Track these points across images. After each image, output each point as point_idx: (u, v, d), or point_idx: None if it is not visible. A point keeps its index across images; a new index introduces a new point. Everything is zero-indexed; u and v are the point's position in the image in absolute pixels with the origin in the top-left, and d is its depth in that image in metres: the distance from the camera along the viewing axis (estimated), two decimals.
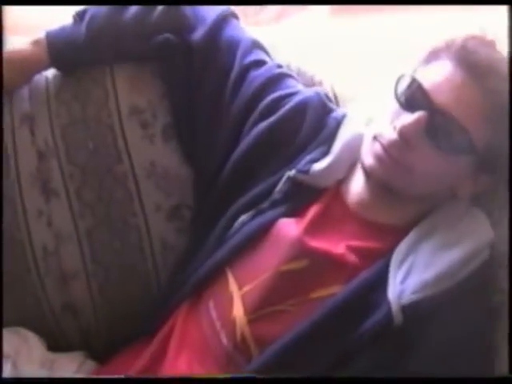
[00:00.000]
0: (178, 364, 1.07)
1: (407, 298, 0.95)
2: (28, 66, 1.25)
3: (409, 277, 0.97)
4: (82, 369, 1.21)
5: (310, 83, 1.26)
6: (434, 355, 0.95)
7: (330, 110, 1.16)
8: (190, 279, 1.13)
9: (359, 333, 0.97)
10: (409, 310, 0.95)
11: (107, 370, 1.17)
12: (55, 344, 1.26)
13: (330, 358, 0.98)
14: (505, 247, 1.00)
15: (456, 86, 0.98)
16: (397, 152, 0.98)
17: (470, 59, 0.98)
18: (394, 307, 0.95)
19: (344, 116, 1.15)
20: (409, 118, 0.98)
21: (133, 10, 1.22)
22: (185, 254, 1.21)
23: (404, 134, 0.97)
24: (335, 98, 1.25)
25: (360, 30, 1.49)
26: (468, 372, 0.93)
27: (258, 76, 1.18)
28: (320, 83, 1.27)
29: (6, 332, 1.17)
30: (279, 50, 1.30)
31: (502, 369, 0.96)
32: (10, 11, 1.27)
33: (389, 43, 1.35)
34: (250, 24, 1.41)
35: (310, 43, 1.39)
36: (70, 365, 1.21)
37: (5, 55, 1.23)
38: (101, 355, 1.23)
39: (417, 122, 0.97)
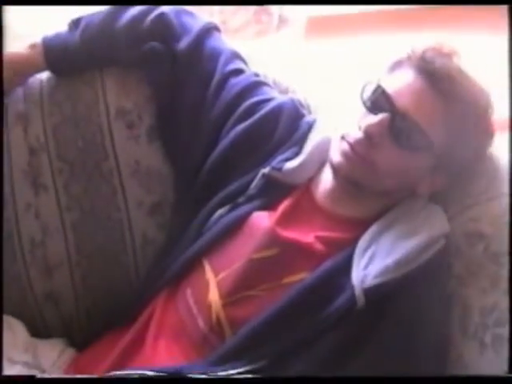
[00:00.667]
0: (158, 348, 1.14)
1: (369, 282, 1.04)
2: (24, 68, 1.33)
3: (371, 263, 1.06)
4: (63, 355, 1.27)
5: (284, 92, 1.36)
6: (393, 336, 1.03)
7: (303, 115, 1.26)
8: (169, 269, 1.20)
9: (325, 314, 1.05)
10: (370, 293, 1.03)
11: (86, 356, 1.23)
12: (37, 331, 1.32)
13: (297, 338, 1.06)
14: (459, 240, 1.09)
15: (415, 91, 1.09)
16: (362, 149, 1.08)
17: (427, 68, 1.09)
18: (357, 290, 1.04)
19: (315, 121, 1.24)
20: (373, 118, 1.08)
21: (124, 19, 1.31)
22: (164, 246, 1.28)
23: (369, 132, 1.07)
24: (307, 107, 1.35)
25: (332, 49, 1.61)
26: (423, 351, 1.02)
27: (236, 83, 1.27)
28: (294, 92, 1.37)
29: None
30: (257, 63, 1.40)
31: (456, 351, 1.05)
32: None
33: (358, 60, 1.46)
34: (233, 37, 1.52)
35: (285, 58, 1.50)
36: (51, 351, 1.27)
37: (3, 57, 1.32)
38: (81, 343, 1.29)
39: (380, 122, 1.07)
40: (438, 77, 1.08)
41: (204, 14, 1.66)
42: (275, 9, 1.87)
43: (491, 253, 1.06)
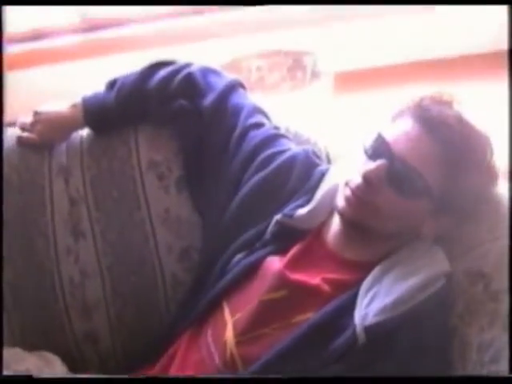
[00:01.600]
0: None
1: (369, 320, 1.10)
2: (66, 125, 1.48)
3: (372, 303, 1.12)
4: None
5: (305, 143, 1.44)
6: (393, 371, 1.09)
7: (316, 165, 1.34)
8: (193, 311, 1.29)
9: (330, 351, 1.11)
10: (371, 330, 1.09)
11: None
12: (75, 366, 1.40)
13: (303, 373, 1.12)
14: (461, 279, 1.14)
15: (413, 138, 1.15)
16: (362, 194, 1.15)
17: (424, 115, 1.15)
18: (358, 328, 1.10)
19: (328, 170, 1.32)
20: (372, 164, 1.15)
21: (155, 80, 1.43)
22: (191, 288, 1.37)
23: (367, 178, 1.15)
24: (327, 156, 1.44)
25: (359, 102, 1.69)
26: None
27: (256, 135, 1.37)
28: (314, 144, 1.46)
29: (31, 354, 1.34)
30: (286, 116, 1.50)
31: None
32: None
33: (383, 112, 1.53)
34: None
35: (314, 111, 1.60)
36: None
37: (48, 115, 1.47)
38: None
39: (378, 167, 1.14)
40: (434, 123, 1.14)
41: (242, 72, 1.80)
42: (309, 64, 1.98)
43: (491, 291, 1.10)
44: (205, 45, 2.11)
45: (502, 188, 1.21)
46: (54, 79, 2.20)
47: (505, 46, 1.36)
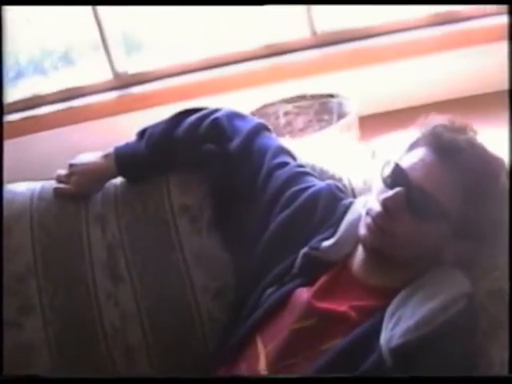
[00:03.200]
0: None
1: (394, 342, 1.12)
2: (100, 175, 1.56)
3: (397, 326, 1.14)
4: None
5: (330, 178, 1.48)
6: None
7: (340, 198, 1.39)
8: (228, 347, 1.33)
9: (359, 374, 1.14)
10: (396, 352, 1.12)
11: None
12: None
13: None
14: (483, 299, 1.17)
15: (427, 164, 1.20)
16: (382, 221, 1.19)
17: (437, 142, 1.20)
18: (384, 351, 1.13)
19: (352, 203, 1.37)
20: (390, 192, 1.20)
21: (183, 127, 1.51)
22: (226, 326, 1.41)
23: (386, 205, 1.19)
24: (353, 191, 1.48)
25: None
26: None
27: (281, 174, 1.42)
28: (340, 179, 1.50)
29: None
30: (307, 156, 1.55)
31: None
32: None
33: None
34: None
35: (339, 151, 1.65)
36: None
37: (82, 166, 1.55)
38: None
39: (396, 194, 1.19)
40: (447, 150, 1.19)
41: (270, 118, 1.86)
42: (335, 107, 2.04)
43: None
44: (233, 95, 2.20)
45: None
46: (93, 135, 2.31)
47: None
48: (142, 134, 1.54)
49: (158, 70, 2.44)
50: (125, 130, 1.65)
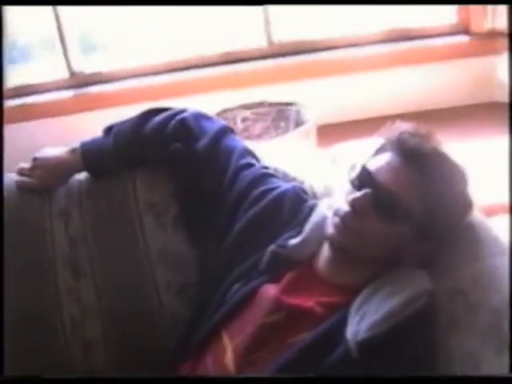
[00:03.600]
0: None
1: (361, 335, 1.17)
2: (65, 170, 1.56)
3: (362, 320, 1.19)
4: None
5: (292, 181, 1.53)
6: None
7: (305, 200, 1.43)
8: (192, 342, 1.35)
9: (323, 368, 1.18)
10: (363, 345, 1.16)
11: None
12: None
13: None
14: (442, 297, 1.22)
15: (394, 168, 1.25)
16: (349, 221, 1.24)
17: (403, 147, 1.26)
18: (351, 344, 1.17)
19: (316, 204, 1.41)
20: (357, 194, 1.25)
21: (150, 125, 1.52)
22: (189, 321, 1.42)
23: (353, 205, 1.24)
24: (314, 194, 1.52)
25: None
26: None
27: (248, 175, 1.46)
28: (302, 182, 1.54)
29: None
30: (271, 160, 1.59)
31: None
32: None
33: None
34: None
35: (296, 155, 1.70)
36: None
37: (47, 160, 1.55)
38: None
39: (363, 196, 1.24)
40: (411, 154, 1.25)
41: (228, 123, 1.89)
42: (292, 115, 2.09)
43: (469, 305, 1.18)
44: (191, 99, 2.23)
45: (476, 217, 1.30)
46: (47, 133, 2.29)
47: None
48: (108, 130, 1.55)
49: (115, 71, 2.45)
50: (80, 129, 1.66)
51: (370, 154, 1.34)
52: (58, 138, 1.83)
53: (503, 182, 1.59)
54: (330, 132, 2.09)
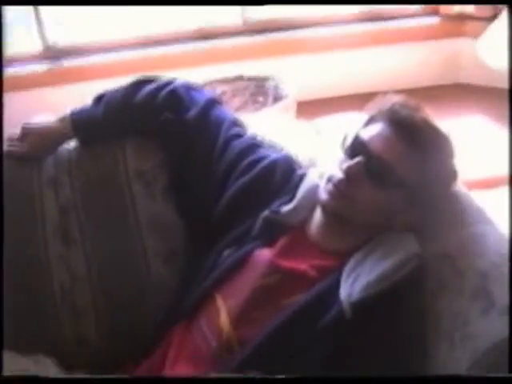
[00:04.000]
0: (176, 370, 1.30)
1: (355, 296, 1.22)
2: (54, 137, 1.57)
3: (356, 282, 1.24)
4: None
5: (279, 151, 1.57)
6: (376, 343, 1.21)
7: (295, 168, 1.48)
8: (184, 305, 1.38)
9: (318, 329, 1.23)
10: (356, 306, 1.21)
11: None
12: (66, 367, 1.45)
13: (295, 349, 1.23)
14: (430, 261, 1.28)
15: (386, 137, 1.31)
16: (343, 187, 1.29)
17: (394, 117, 1.32)
18: (345, 305, 1.22)
19: (305, 174, 1.46)
20: (351, 161, 1.30)
21: (141, 94, 1.54)
22: (178, 288, 1.46)
23: (347, 172, 1.29)
24: (299, 163, 1.56)
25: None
26: (402, 352, 1.20)
27: (238, 144, 1.49)
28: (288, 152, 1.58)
29: (26, 357, 1.38)
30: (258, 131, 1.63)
31: (431, 351, 1.20)
32: None
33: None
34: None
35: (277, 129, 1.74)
36: None
37: (37, 128, 1.55)
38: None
39: (357, 163, 1.29)
40: (403, 124, 1.30)
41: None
42: (271, 89, 2.13)
43: (457, 269, 1.25)
44: (168, 73, 2.23)
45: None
46: (21, 105, 2.27)
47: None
48: (98, 99, 1.57)
49: (90, 45, 2.44)
50: (54, 102, 1.66)
51: (361, 124, 1.38)
52: (31, 111, 1.81)
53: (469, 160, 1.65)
54: (306, 108, 2.13)
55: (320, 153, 1.58)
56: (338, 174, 1.31)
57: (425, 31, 2.32)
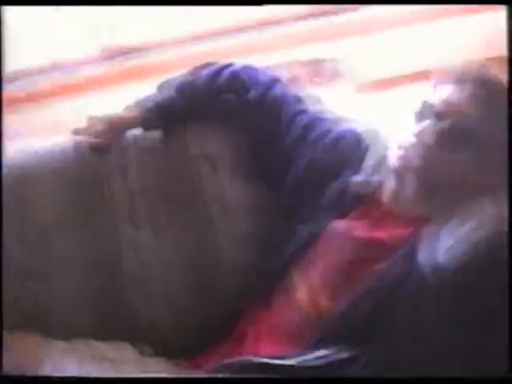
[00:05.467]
0: (259, 348, 1.30)
1: (438, 259, 1.18)
2: (122, 125, 1.58)
3: (437, 245, 1.21)
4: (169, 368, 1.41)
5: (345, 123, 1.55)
6: (460, 308, 1.18)
7: (361, 140, 1.47)
8: (261, 283, 1.39)
9: (400, 296, 1.21)
10: (439, 269, 1.18)
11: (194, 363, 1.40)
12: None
13: (380, 319, 1.21)
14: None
15: (458, 99, 1.28)
16: (416, 151, 1.27)
17: (466, 78, 1.30)
18: (426, 269, 1.19)
19: (370, 143, 1.44)
20: (422, 125, 1.28)
21: (201, 79, 1.55)
22: (257, 268, 1.45)
23: (419, 137, 1.27)
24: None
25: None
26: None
27: (303, 119, 1.50)
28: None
29: (108, 345, 1.41)
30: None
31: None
32: None
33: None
34: None
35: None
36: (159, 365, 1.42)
37: (102, 118, 1.57)
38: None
39: (428, 127, 1.27)
40: (477, 87, 1.28)
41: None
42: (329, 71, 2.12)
43: None
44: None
45: None
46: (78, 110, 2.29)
47: None
48: (162, 86, 1.58)
49: (146, 44, 2.45)
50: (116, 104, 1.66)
51: (431, 89, 1.36)
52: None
53: None
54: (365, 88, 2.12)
55: (383, 125, 1.55)
56: (409, 139, 1.28)
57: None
